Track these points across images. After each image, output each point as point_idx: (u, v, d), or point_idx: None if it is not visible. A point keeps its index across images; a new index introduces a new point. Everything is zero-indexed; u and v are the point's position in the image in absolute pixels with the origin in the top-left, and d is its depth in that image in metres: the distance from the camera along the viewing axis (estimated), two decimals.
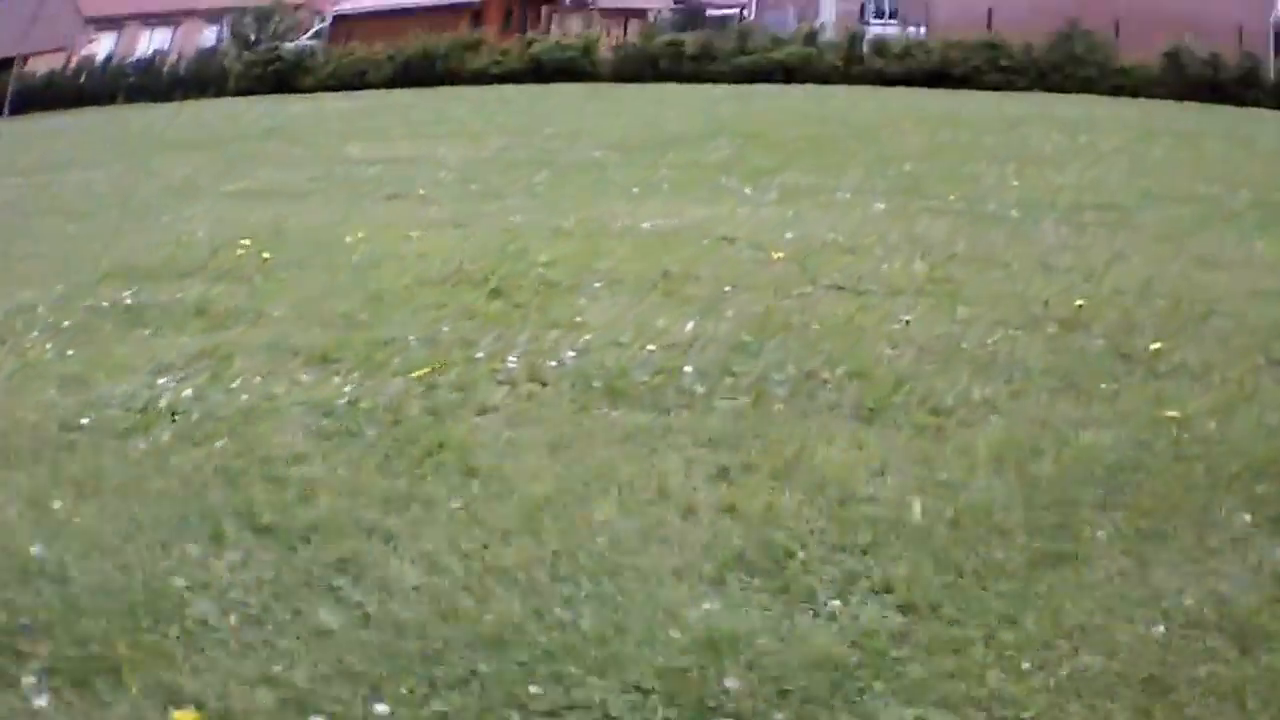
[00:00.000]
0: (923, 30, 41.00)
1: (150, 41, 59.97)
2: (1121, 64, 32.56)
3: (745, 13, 58.43)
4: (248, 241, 9.60)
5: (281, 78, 42.78)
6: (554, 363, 6.27)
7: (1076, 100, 28.30)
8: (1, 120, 35.61)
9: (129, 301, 7.89)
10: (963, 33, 35.85)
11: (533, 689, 3.45)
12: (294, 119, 26.77)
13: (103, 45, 57.00)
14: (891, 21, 49.76)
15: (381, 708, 3.36)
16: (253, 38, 51.70)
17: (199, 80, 46.24)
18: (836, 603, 3.94)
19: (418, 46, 41.18)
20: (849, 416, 5.55)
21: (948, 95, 30.02)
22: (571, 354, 6.40)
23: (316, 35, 51.88)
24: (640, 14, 57.74)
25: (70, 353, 6.75)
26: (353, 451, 5.19)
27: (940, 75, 34.34)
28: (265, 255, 9.16)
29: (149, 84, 47.15)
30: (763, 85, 33.70)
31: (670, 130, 20.08)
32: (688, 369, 6.13)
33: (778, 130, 19.73)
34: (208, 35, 59.05)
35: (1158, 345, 6.69)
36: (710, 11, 63.48)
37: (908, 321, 7.12)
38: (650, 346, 6.51)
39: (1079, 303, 7.49)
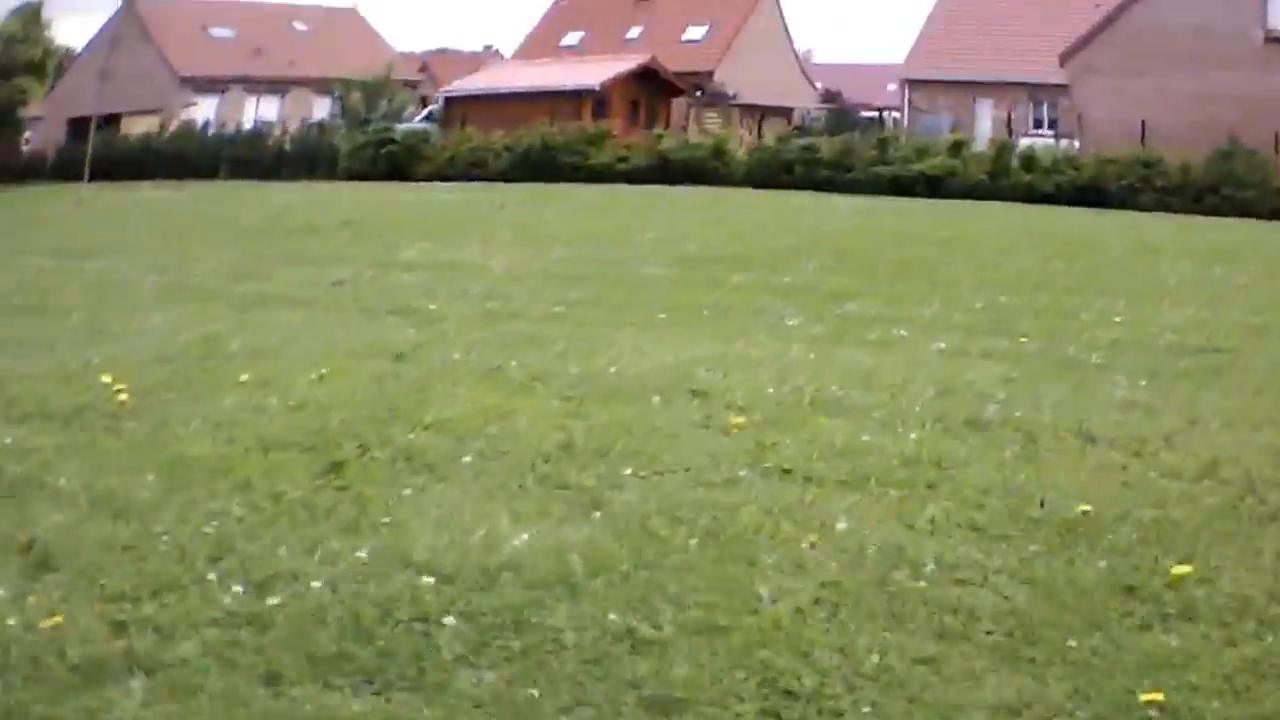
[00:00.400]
0: (1076, 143, 39.21)
1: (256, 110, 59.05)
2: None
3: (897, 117, 56.89)
4: (109, 378, 8.10)
5: (395, 162, 41.54)
6: (280, 600, 4.61)
7: (1229, 225, 26.25)
8: (83, 187, 34.51)
9: None
10: (1116, 146, 34.15)
11: None
12: (381, 210, 25.93)
13: (203, 110, 56.17)
14: (1050, 132, 48.10)
15: None
16: (363, 114, 50.75)
17: (308, 159, 45.09)
18: None
19: (537, 137, 39.78)
20: (639, 712, 3.83)
21: (1091, 215, 28.16)
22: (320, 584, 4.73)
23: (429, 117, 50.85)
24: (784, 112, 56.42)
25: None
26: None
27: (1092, 191, 32.61)
28: (122, 397, 7.67)
29: (254, 158, 46.04)
30: (899, 199, 32.20)
31: (761, 245, 18.59)
32: (451, 620, 4.44)
33: (878, 250, 18.14)
34: (319, 107, 58.06)
35: (1185, 568, 4.94)
36: (863, 113, 62.08)
37: (835, 531, 5.36)
38: (429, 578, 4.79)
39: (1085, 508, 5.67)
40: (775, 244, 18.81)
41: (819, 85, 68.25)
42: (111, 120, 53.05)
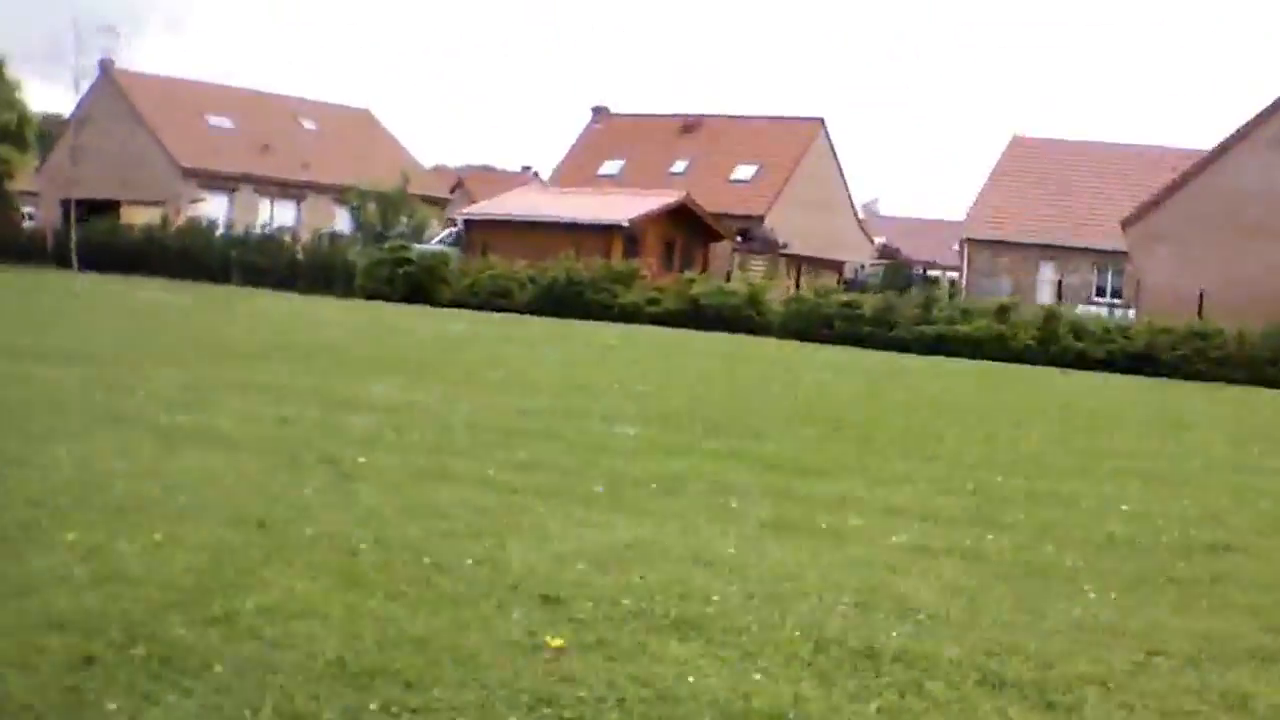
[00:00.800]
0: (1131, 312, 38.20)
1: (271, 213, 57.72)
2: None
3: (954, 277, 55.79)
4: None
5: (414, 283, 40.55)
6: None
7: None
8: (78, 278, 33.33)
9: None
10: (1174, 315, 33.15)
11: None
12: (376, 336, 24.94)
13: (211, 207, 54.62)
14: (1114, 300, 47.03)
15: None
16: (378, 228, 49.71)
17: (323, 272, 43.98)
18: None
19: (561, 270, 38.74)
20: None
21: (1135, 384, 27.14)
22: None
23: (454, 241, 49.79)
24: (835, 265, 55.38)
25: None
26: None
27: (1144, 360, 31.69)
28: None
29: (269, 266, 44.93)
30: (939, 359, 31.33)
31: (756, 405, 17.62)
32: None
33: (883, 416, 17.09)
34: (340, 216, 56.66)
35: None
36: (919, 271, 60.90)
37: None
38: None
39: None
40: (773, 404, 17.83)
41: (877, 239, 67.30)
42: (110, 207, 52.08)
